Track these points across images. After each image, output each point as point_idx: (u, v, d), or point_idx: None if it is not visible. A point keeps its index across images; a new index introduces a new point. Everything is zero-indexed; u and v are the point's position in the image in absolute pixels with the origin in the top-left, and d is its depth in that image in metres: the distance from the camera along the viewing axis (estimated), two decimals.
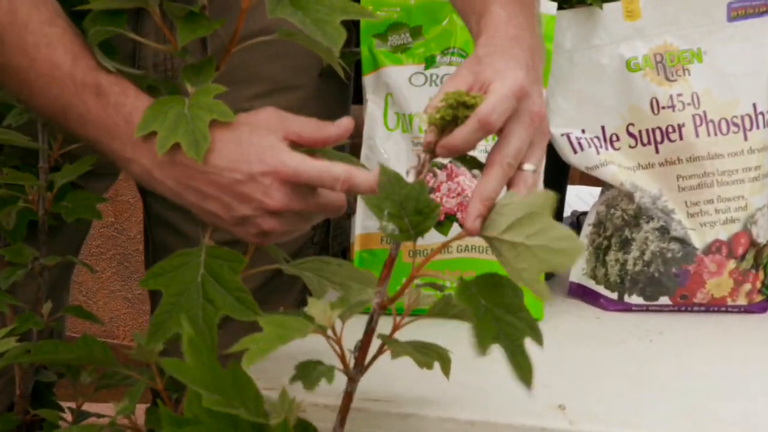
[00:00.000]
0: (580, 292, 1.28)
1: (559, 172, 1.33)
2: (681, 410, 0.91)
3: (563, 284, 1.30)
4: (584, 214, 1.43)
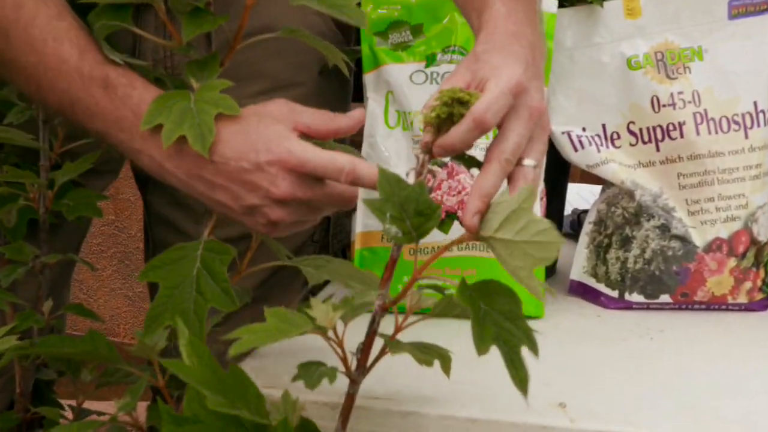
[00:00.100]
0: (581, 290, 1.28)
1: (559, 170, 1.33)
2: (682, 408, 0.91)
3: (564, 282, 1.30)
4: (585, 212, 1.43)
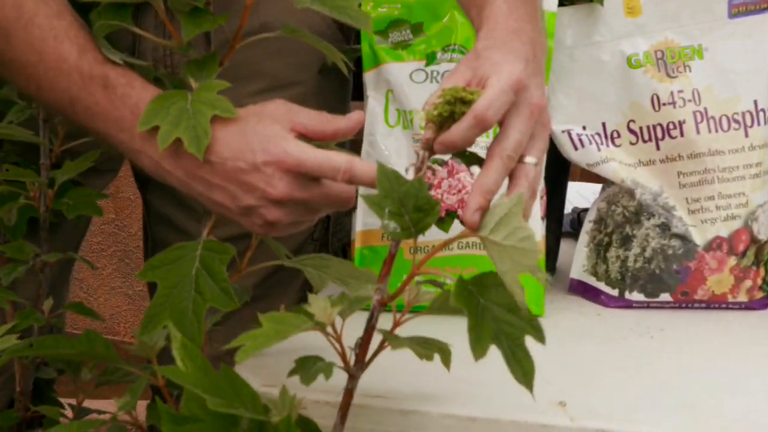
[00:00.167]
0: (581, 289, 1.28)
1: (560, 169, 1.33)
2: (682, 406, 0.91)
3: (564, 281, 1.30)
4: (585, 210, 1.43)
